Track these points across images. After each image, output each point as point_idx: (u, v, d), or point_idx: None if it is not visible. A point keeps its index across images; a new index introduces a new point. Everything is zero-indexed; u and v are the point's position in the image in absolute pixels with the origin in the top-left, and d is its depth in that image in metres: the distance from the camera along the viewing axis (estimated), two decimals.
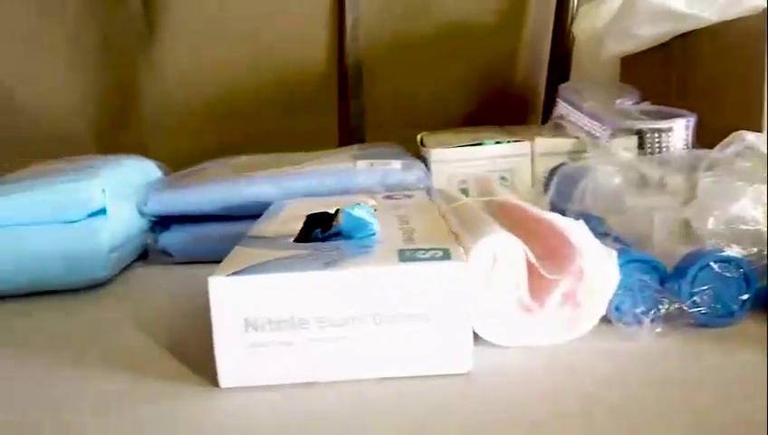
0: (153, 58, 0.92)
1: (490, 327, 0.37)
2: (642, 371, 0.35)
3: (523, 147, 0.68)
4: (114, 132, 0.94)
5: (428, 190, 0.61)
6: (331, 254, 0.36)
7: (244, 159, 0.77)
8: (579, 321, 0.37)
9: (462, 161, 0.69)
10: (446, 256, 0.35)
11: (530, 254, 0.37)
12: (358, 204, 0.47)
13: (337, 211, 0.46)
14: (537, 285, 0.37)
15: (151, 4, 0.91)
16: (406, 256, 0.35)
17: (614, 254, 0.37)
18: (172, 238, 0.61)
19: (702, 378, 0.33)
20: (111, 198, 0.54)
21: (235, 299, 0.34)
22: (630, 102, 0.61)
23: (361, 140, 0.94)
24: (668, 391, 0.32)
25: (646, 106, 0.60)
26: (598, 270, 0.36)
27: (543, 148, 0.68)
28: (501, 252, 0.37)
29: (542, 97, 1.01)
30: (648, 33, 0.61)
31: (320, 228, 0.45)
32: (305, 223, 0.46)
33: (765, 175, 0.42)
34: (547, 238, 0.39)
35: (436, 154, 0.69)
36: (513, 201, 0.46)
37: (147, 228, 0.61)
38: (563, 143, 0.67)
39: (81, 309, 0.50)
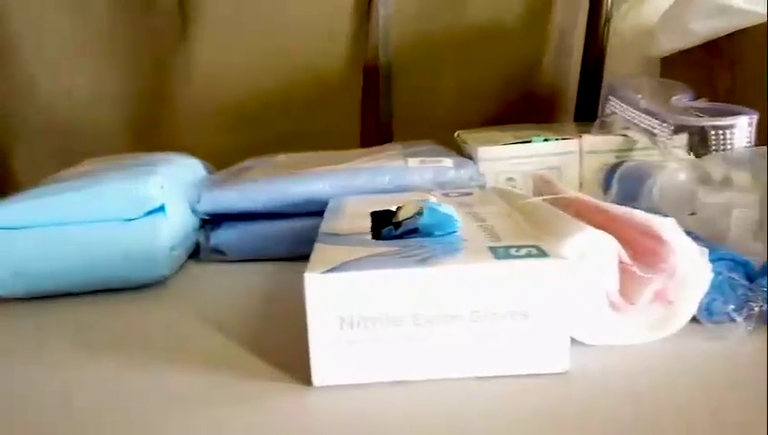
0: (186, 57, 0.92)
1: (579, 326, 0.37)
2: (737, 371, 0.34)
3: (572, 144, 0.68)
4: (147, 131, 0.94)
5: (482, 188, 0.60)
6: (420, 251, 0.36)
7: (282, 157, 0.77)
8: (670, 319, 0.37)
9: (510, 159, 0.69)
10: (543, 253, 0.34)
11: (623, 251, 0.36)
12: (426, 200, 0.46)
13: (399, 208, 0.46)
14: (625, 282, 0.37)
15: (185, 2, 0.91)
16: (500, 253, 0.34)
17: (705, 251, 0.36)
18: (225, 236, 0.60)
19: None
20: (169, 195, 0.54)
21: (331, 296, 0.33)
22: (686, 99, 0.60)
23: (389, 140, 0.94)
24: (761, 390, 0.32)
25: (703, 103, 0.60)
26: (690, 268, 0.36)
27: (591, 145, 0.67)
28: (590, 249, 0.36)
29: (575, 96, 1.01)
30: (703, 28, 0.60)
31: (392, 226, 0.45)
32: (376, 220, 0.46)
33: None
34: (626, 234, 0.38)
35: (483, 152, 0.69)
36: (585, 197, 0.46)
37: (198, 226, 0.61)
38: (611, 141, 0.67)
39: (145, 308, 0.49)
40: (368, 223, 0.45)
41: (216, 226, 0.61)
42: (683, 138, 0.59)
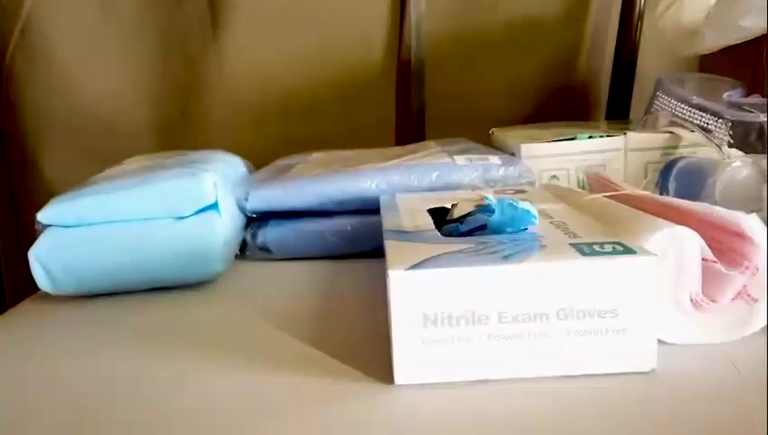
0: (217, 54, 0.91)
1: (661, 324, 0.36)
2: None
3: (617, 141, 0.67)
4: (179, 129, 0.94)
5: (531, 186, 0.60)
6: (500, 248, 0.35)
7: (317, 154, 0.77)
8: (753, 318, 0.36)
9: (553, 157, 0.68)
10: (629, 250, 0.33)
11: (706, 248, 0.35)
12: (486, 196, 0.46)
13: (453, 205, 0.46)
14: (707, 280, 0.36)
15: (216, 1, 0.91)
16: (584, 250, 0.34)
17: None
18: (272, 234, 0.60)
19: None
20: (220, 192, 0.53)
21: (416, 294, 0.32)
22: (738, 95, 0.59)
23: (421, 138, 0.94)
24: None
25: (756, 99, 0.59)
26: None
27: (636, 143, 0.67)
28: (673, 246, 0.36)
29: (607, 92, 1.00)
30: (754, 24, 0.59)
31: (456, 222, 0.44)
32: (437, 217, 0.45)
33: None
34: (703, 231, 0.37)
35: (527, 149, 0.68)
36: (649, 194, 0.45)
37: (244, 224, 0.60)
38: (657, 138, 0.66)
39: (204, 306, 0.49)
40: (429, 220, 0.44)
41: (262, 223, 0.61)
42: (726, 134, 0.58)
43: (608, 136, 0.68)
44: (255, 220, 0.61)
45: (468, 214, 0.43)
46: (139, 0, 0.91)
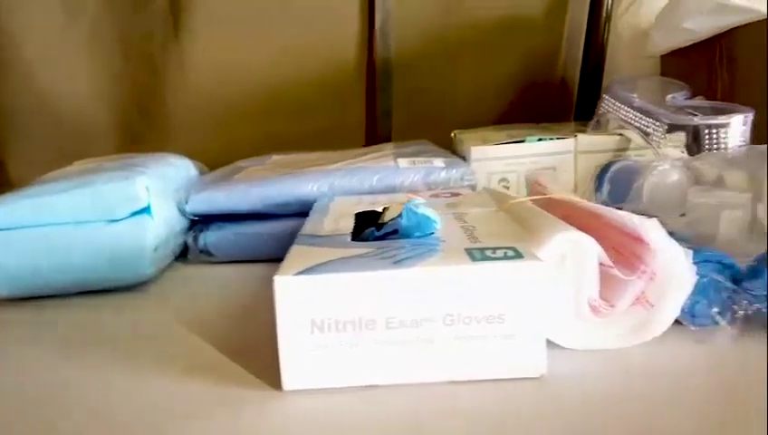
0: (179, 55, 0.91)
1: (558, 329, 0.36)
2: (718, 375, 0.33)
3: (567, 144, 0.67)
4: (142, 130, 0.94)
5: (473, 188, 0.59)
6: (397, 253, 0.35)
7: (277, 157, 0.77)
8: (651, 323, 0.36)
9: (503, 159, 0.68)
10: (519, 255, 0.33)
11: (603, 253, 0.35)
12: (411, 200, 0.46)
13: (384, 209, 0.46)
14: (608, 285, 0.36)
15: (177, 2, 0.91)
16: (476, 255, 0.34)
17: (689, 253, 0.35)
18: (213, 237, 0.60)
19: None
20: (154, 196, 0.53)
21: (302, 299, 0.32)
22: (682, 98, 0.59)
23: (388, 139, 0.93)
24: (745, 395, 0.31)
25: (699, 101, 0.58)
26: (672, 270, 0.35)
27: (586, 145, 0.66)
28: (571, 251, 0.35)
29: (575, 94, 1.00)
30: (699, 26, 0.59)
31: (374, 227, 0.44)
32: (360, 221, 0.45)
33: None
34: (612, 236, 0.37)
35: (477, 152, 0.68)
36: (574, 199, 0.45)
37: (187, 227, 0.61)
38: (607, 140, 0.66)
39: (127, 309, 0.49)
40: (350, 224, 0.44)
41: (204, 226, 0.61)
42: (681, 137, 0.58)
43: (558, 138, 0.67)
44: (199, 223, 0.61)
45: (394, 218, 0.43)
46: (103, 2, 0.91)
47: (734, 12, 0.55)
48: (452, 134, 0.78)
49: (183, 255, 0.61)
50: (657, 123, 0.55)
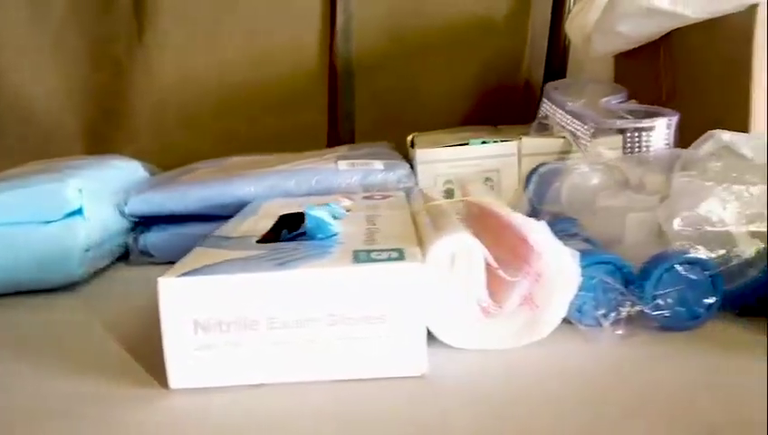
0: (143, 57, 0.92)
1: (449, 330, 0.37)
2: (600, 374, 0.34)
3: (510, 147, 0.67)
4: (107, 133, 0.94)
5: (409, 191, 0.60)
6: (289, 254, 0.36)
7: (235, 159, 0.77)
8: (538, 323, 0.36)
9: (448, 162, 0.68)
10: (401, 256, 0.34)
11: (488, 255, 0.36)
12: (328, 204, 0.47)
13: None
14: (498, 287, 0.37)
15: (141, 5, 0.92)
16: (361, 257, 0.34)
17: (576, 254, 0.36)
18: (153, 239, 0.61)
19: (659, 381, 0.33)
20: (90, 198, 0.54)
21: (185, 300, 0.33)
22: (616, 101, 0.60)
23: (351, 141, 0.94)
24: (625, 394, 0.32)
25: (631, 105, 0.59)
26: (557, 271, 0.36)
27: (530, 148, 0.67)
28: (459, 253, 0.36)
29: (540, 96, 1.00)
30: (630, 31, 0.60)
31: (287, 229, 0.45)
32: (276, 223, 0.46)
33: (739, 175, 0.41)
34: (508, 239, 0.38)
35: (422, 154, 0.68)
36: (481, 202, 0.46)
37: (128, 229, 0.61)
38: (551, 143, 0.66)
39: (47, 308, 0.50)
40: (267, 226, 0.45)
41: (145, 228, 0.61)
42: (618, 140, 0.59)
43: (502, 141, 0.68)
44: (141, 225, 0.62)
45: None
46: (68, 4, 0.92)
47: (663, 16, 0.56)
48: (409, 137, 0.79)
49: (127, 256, 0.62)
50: (585, 126, 0.56)
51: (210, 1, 0.93)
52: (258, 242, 0.40)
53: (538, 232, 0.36)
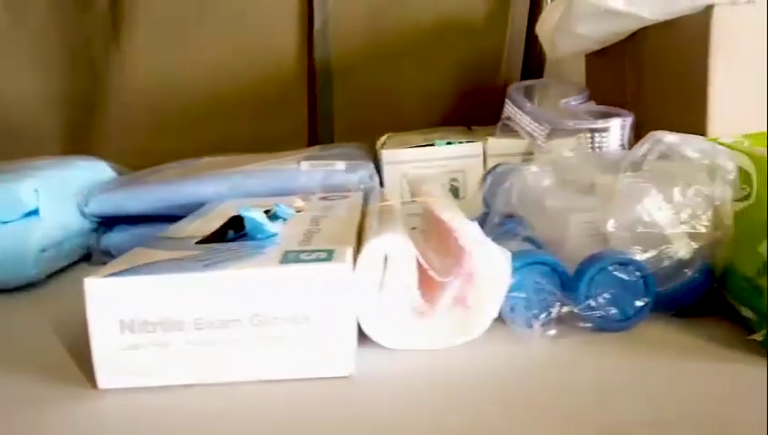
0: (120, 58, 0.92)
1: (382, 330, 0.37)
2: (523, 375, 0.34)
3: (475, 148, 0.67)
4: (84, 134, 0.95)
5: (368, 191, 0.60)
6: (222, 255, 0.36)
7: (207, 159, 0.77)
8: (470, 324, 0.36)
9: (413, 162, 0.68)
10: (329, 257, 0.34)
11: (419, 256, 0.36)
12: (276, 205, 0.47)
13: (266, 212, 0.46)
14: (431, 287, 0.37)
15: (119, 8, 0.92)
16: (289, 257, 0.35)
17: (508, 255, 0.36)
18: (115, 239, 0.61)
19: (579, 382, 0.33)
20: (48, 198, 0.55)
21: (111, 300, 0.33)
22: (576, 102, 0.60)
23: (330, 142, 0.94)
24: (542, 395, 0.32)
25: (590, 106, 0.59)
26: (488, 272, 0.36)
27: (496, 149, 0.67)
28: (392, 254, 0.36)
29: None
30: (588, 32, 0.60)
31: (235, 230, 0.45)
32: (225, 224, 0.46)
33: (677, 176, 0.41)
34: (445, 240, 0.38)
35: (387, 155, 0.68)
36: (426, 203, 0.46)
37: (91, 229, 0.61)
38: (516, 144, 0.66)
39: (4, 308, 0.50)
40: (214, 227, 0.45)
41: (107, 229, 0.62)
42: (582, 140, 0.59)
43: (467, 142, 0.68)
44: (104, 225, 0.62)
45: None
46: (46, 5, 0.92)
47: (620, 17, 0.56)
48: (382, 138, 0.79)
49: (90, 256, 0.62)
50: (541, 127, 0.56)
51: (187, 3, 0.93)
52: (198, 243, 0.40)
53: (469, 232, 0.36)
